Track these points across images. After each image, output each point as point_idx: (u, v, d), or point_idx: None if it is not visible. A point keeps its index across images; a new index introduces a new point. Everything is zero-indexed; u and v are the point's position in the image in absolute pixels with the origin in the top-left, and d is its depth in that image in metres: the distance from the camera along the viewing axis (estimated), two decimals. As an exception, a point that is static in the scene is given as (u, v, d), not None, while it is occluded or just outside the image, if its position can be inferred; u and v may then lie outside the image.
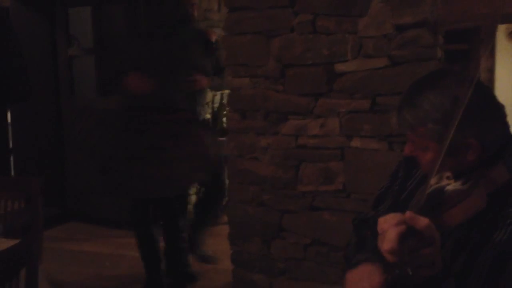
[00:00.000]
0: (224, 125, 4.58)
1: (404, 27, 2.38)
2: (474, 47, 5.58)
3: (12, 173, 4.61)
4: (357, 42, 2.48)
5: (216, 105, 4.89)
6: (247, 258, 2.92)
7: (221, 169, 3.67)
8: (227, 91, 4.43)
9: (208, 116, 4.89)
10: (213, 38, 3.42)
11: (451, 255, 1.21)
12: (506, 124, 1.27)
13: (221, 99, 4.79)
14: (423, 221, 1.03)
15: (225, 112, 4.64)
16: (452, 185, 1.18)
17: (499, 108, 1.25)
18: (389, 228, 1.03)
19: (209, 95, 4.88)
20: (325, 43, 2.54)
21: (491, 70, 5.65)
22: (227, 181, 3.14)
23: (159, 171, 2.92)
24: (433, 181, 1.19)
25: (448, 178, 1.19)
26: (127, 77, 3.00)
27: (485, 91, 1.26)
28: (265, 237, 2.85)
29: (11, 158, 4.67)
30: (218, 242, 3.86)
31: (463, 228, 1.20)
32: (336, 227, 2.64)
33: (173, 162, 2.96)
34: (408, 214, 1.04)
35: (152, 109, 3.09)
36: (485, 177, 1.17)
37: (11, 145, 4.69)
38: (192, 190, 4.34)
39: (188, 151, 3.03)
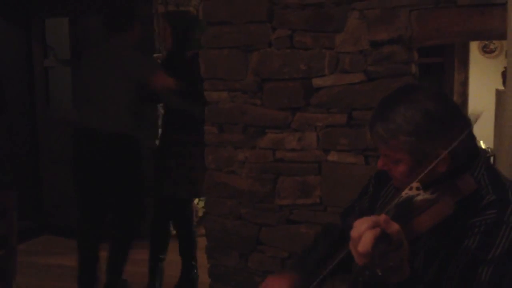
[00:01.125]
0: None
1: (379, 43, 2.42)
2: (447, 61, 5.70)
3: (-14, 185, 4.54)
4: (334, 57, 2.51)
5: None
6: (224, 271, 2.92)
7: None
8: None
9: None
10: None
11: (424, 266, 1.25)
12: (473, 136, 1.32)
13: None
14: (394, 226, 1.08)
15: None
16: (421, 195, 1.21)
17: (466, 120, 1.30)
18: (364, 231, 1.07)
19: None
20: (303, 58, 2.57)
21: (464, 84, 5.76)
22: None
23: None
24: (403, 193, 1.22)
25: (417, 188, 1.23)
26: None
27: (451, 103, 1.30)
28: (243, 251, 2.85)
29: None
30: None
31: (434, 239, 1.25)
32: (316, 232, 2.65)
33: None
34: (383, 216, 1.08)
35: None
36: (452, 186, 1.21)
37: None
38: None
39: None
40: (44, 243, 4.61)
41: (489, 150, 4.21)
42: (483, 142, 4.26)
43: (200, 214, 4.93)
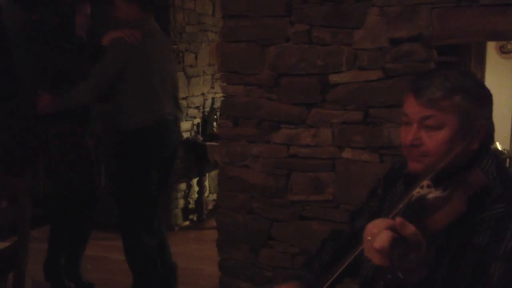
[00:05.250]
0: (215, 129, 4.58)
1: (399, 40, 2.40)
2: (463, 60, 5.63)
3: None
4: (352, 54, 2.49)
5: (207, 109, 4.90)
6: (234, 265, 2.91)
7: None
8: (218, 96, 4.43)
9: (199, 120, 4.89)
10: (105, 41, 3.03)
11: (435, 263, 1.24)
12: (493, 126, 1.33)
13: (212, 103, 4.79)
14: (410, 228, 1.06)
15: (215, 116, 4.64)
16: (433, 193, 1.20)
17: None
18: (379, 231, 1.06)
19: (200, 99, 4.88)
20: (320, 53, 2.55)
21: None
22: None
23: None
24: (414, 191, 1.21)
25: (428, 186, 1.21)
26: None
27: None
28: (253, 245, 2.84)
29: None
30: (203, 247, 3.86)
31: (444, 236, 1.23)
32: (324, 237, 2.64)
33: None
34: (398, 219, 1.07)
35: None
36: (463, 182, 1.20)
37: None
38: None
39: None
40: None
41: (506, 152, 4.17)
42: (500, 144, 4.22)
43: (210, 207, 4.95)
